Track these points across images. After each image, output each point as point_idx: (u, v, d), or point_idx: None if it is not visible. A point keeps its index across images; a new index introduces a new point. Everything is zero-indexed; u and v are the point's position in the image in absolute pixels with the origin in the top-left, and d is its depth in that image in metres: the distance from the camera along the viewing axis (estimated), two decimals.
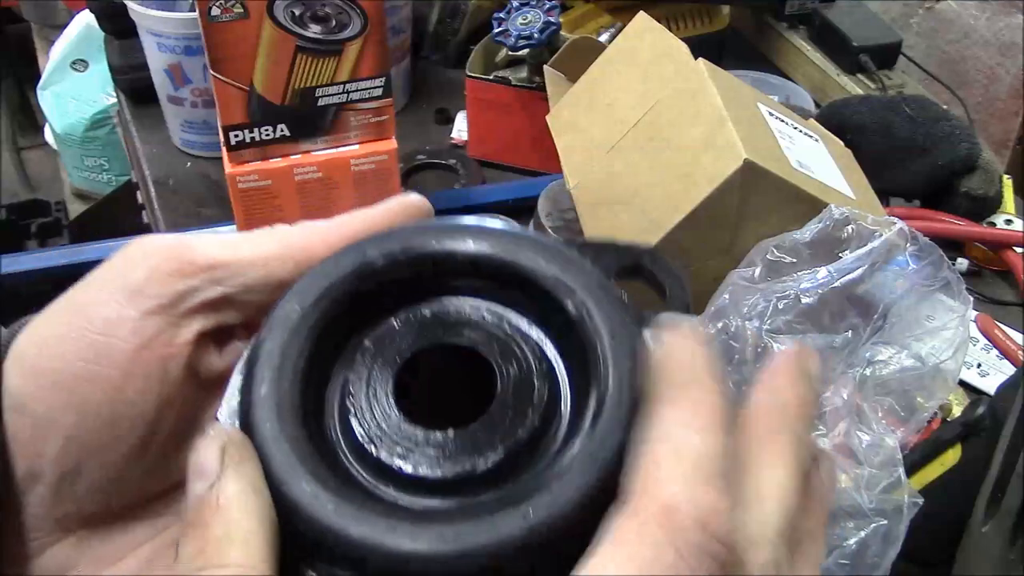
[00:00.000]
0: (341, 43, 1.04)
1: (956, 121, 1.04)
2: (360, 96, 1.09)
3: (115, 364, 0.29)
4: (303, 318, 0.28)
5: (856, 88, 1.21)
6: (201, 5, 0.98)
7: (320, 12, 1.02)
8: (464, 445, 0.26)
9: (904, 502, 0.60)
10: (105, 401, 0.29)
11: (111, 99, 1.90)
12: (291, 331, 0.27)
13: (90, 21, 1.72)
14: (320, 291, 0.28)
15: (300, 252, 0.31)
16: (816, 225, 0.71)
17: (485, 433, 0.26)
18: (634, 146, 0.83)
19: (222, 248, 0.31)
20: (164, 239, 0.31)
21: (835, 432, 0.63)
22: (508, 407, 0.27)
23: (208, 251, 0.30)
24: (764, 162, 0.73)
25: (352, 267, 0.28)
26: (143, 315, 0.30)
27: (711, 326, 0.68)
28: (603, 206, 0.83)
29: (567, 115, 0.94)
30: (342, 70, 1.06)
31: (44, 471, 0.30)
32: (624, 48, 0.92)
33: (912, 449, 0.67)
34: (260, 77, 1.01)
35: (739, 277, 0.70)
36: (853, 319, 0.67)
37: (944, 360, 0.66)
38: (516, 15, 1.03)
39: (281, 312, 0.28)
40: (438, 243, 0.29)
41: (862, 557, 0.60)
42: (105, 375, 0.29)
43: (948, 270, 0.69)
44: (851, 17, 1.28)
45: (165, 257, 0.30)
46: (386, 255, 0.29)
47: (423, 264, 0.29)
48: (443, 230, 0.29)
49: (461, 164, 1.14)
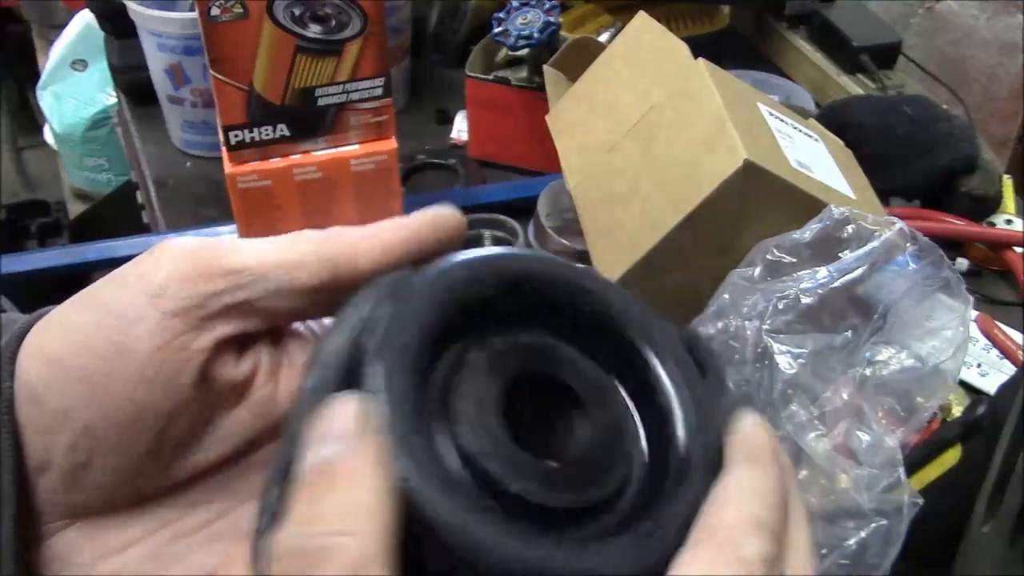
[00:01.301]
0: (341, 43, 1.04)
1: (956, 121, 1.04)
2: (360, 96, 1.09)
3: (133, 363, 0.29)
4: (416, 316, 0.27)
5: (856, 88, 1.21)
6: (201, 5, 0.98)
7: (320, 12, 1.02)
8: (566, 480, 0.27)
9: (904, 502, 0.60)
10: (121, 398, 0.29)
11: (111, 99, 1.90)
12: (406, 328, 0.27)
13: (90, 21, 1.72)
14: (436, 298, 0.28)
15: (336, 258, 0.31)
16: (816, 225, 0.71)
17: (586, 472, 0.27)
18: (634, 146, 0.83)
19: (248, 253, 0.30)
20: (191, 241, 0.31)
21: (835, 432, 0.63)
22: (601, 450, 0.28)
23: (234, 255, 0.30)
24: (764, 162, 0.73)
25: (464, 283, 0.28)
26: (164, 316, 0.30)
27: (711, 326, 0.68)
28: (603, 206, 0.83)
29: (567, 115, 0.94)
30: (342, 70, 1.06)
31: (55, 462, 0.30)
32: (624, 48, 0.92)
33: (912, 449, 0.67)
34: (260, 77, 1.01)
35: (739, 277, 0.70)
36: (853, 319, 0.67)
37: (944, 360, 0.66)
38: (516, 15, 1.03)
39: (391, 310, 0.27)
40: (561, 277, 0.29)
41: (862, 557, 0.60)
42: (123, 373, 0.29)
43: (948, 270, 0.69)
44: (851, 17, 1.28)
45: (190, 260, 0.30)
46: (502, 278, 0.29)
47: (529, 294, 0.29)
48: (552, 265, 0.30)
49: (461, 164, 1.14)
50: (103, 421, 0.29)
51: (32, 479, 0.30)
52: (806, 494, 0.62)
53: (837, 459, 0.62)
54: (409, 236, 0.31)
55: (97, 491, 0.31)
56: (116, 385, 0.29)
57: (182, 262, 0.30)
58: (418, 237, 0.31)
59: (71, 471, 0.30)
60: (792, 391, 0.64)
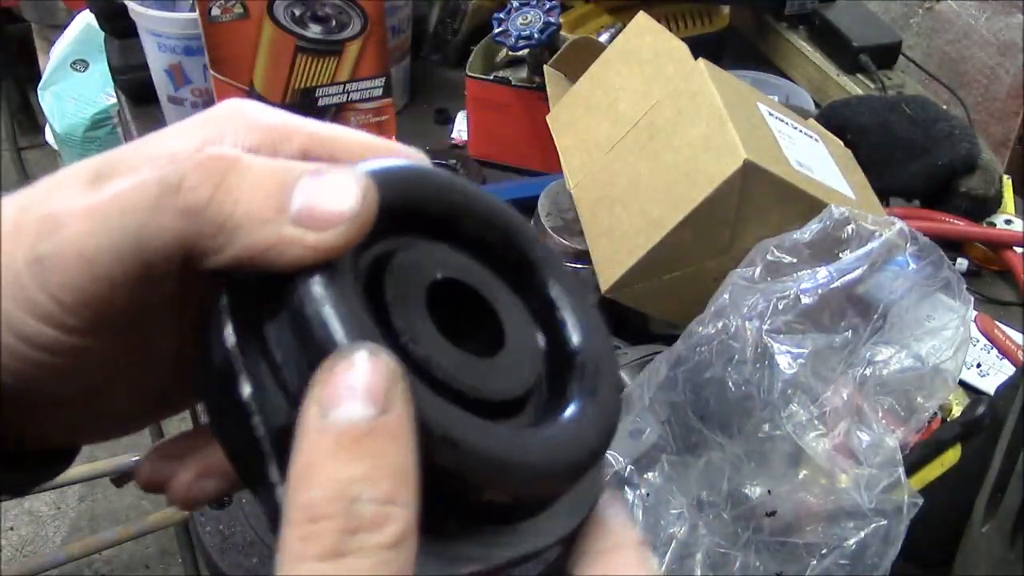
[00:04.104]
0: (341, 43, 1.04)
1: (956, 121, 1.04)
2: (360, 96, 1.09)
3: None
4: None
5: (856, 88, 1.21)
6: (201, 5, 0.98)
7: (320, 12, 1.02)
8: (501, 373, 0.29)
9: (904, 502, 0.60)
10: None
11: (111, 99, 1.90)
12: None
13: (90, 21, 1.73)
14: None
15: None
16: (816, 225, 0.71)
17: (511, 368, 0.30)
18: (634, 146, 0.83)
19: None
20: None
21: (835, 432, 0.63)
22: (517, 350, 0.30)
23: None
24: (764, 162, 0.73)
25: (401, 186, 0.29)
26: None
27: (711, 326, 0.68)
28: (603, 206, 0.83)
29: (567, 115, 0.94)
30: (342, 70, 1.06)
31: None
32: (624, 48, 0.92)
33: (912, 449, 0.67)
34: (260, 77, 1.01)
35: (739, 277, 0.70)
36: (853, 319, 0.67)
37: (944, 360, 0.66)
38: (516, 15, 1.03)
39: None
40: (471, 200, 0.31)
41: (862, 557, 0.60)
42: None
43: (948, 270, 0.69)
44: (851, 17, 1.28)
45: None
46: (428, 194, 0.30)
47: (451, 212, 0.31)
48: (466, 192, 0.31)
49: (461, 164, 1.14)
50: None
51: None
52: (806, 494, 0.63)
53: (837, 459, 0.62)
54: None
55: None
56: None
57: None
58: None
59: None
60: (792, 391, 0.64)
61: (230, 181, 0.25)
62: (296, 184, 0.25)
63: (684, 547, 0.65)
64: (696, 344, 0.68)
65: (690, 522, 0.66)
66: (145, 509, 2.03)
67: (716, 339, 0.67)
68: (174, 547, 1.94)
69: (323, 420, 0.23)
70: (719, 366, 0.66)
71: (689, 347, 0.68)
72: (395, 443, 0.23)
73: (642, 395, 0.69)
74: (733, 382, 0.65)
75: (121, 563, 1.96)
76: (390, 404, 0.23)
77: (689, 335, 0.69)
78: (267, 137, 0.30)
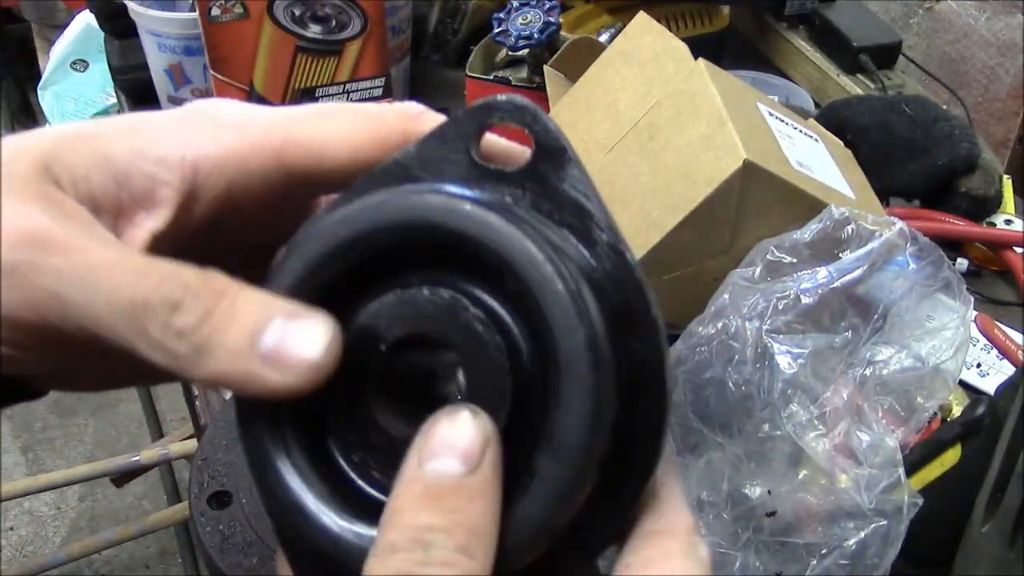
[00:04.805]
0: (341, 43, 1.04)
1: (956, 121, 1.04)
2: (360, 96, 1.09)
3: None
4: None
5: (856, 88, 1.21)
6: (201, 5, 0.99)
7: (320, 12, 1.02)
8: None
9: (904, 502, 0.60)
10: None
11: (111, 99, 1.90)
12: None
13: (90, 21, 1.72)
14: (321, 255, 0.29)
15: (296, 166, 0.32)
16: (816, 225, 0.71)
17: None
18: (634, 146, 0.83)
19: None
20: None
21: (835, 432, 0.63)
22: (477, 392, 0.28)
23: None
24: (764, 162, 0.73)
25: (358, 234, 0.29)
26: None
27: (711, 326, 0.68)
28: None
29: (567, 115, 0.94)
30: (342, 70, 1.06)
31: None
32: (624, 48, 0.92)
33: (912, 449, 0.67)
34: (260, 77, 1.01)
35: (739, 277, 0.70)
36: (853, 319, 0.67)
37: (944, 360, 0.66)
38: (516, 15, 1.04)
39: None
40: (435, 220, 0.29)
41: (862, 557, 0.60)
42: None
43: (948, 270, 0.69)
44: (851, 17, 1.28)
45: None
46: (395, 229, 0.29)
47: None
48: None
49: None
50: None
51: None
52: (806, 494, 0.63)
53: (837, 459, 0.62)
54: (376, 133, 0.32)
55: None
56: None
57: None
58: (386, 136, 0.32)
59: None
60: (792, 391, 0.64)
61: (217, 311, 0.27)
62: (269, 325, 0.27)
63: None
64: (696, 344, 0.68)
65: None
66: (145, 509, 2.03)
67: (716, 339, 0.67)
68: (174, 547, 1.94)
69: (418, 470, 0.26)
70: (719, 366, 0.66)
71: (689, 347, 0.68)
72: (477, 501, 0.25)
73: None
74: (733, 382, 0.65)
75: (121, 563, 1.96)
76: (479, 465, 0.26)
77: (689, 335, 0.69)
78: (239, 144, 0.31)
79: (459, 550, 0.25)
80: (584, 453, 0.26)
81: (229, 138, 0.31)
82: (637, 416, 0.29)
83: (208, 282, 0.27)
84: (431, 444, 0.26)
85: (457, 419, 0.26)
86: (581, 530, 0.29)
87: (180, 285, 0.27)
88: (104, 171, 0.30)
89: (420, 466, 0.26)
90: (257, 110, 0.33)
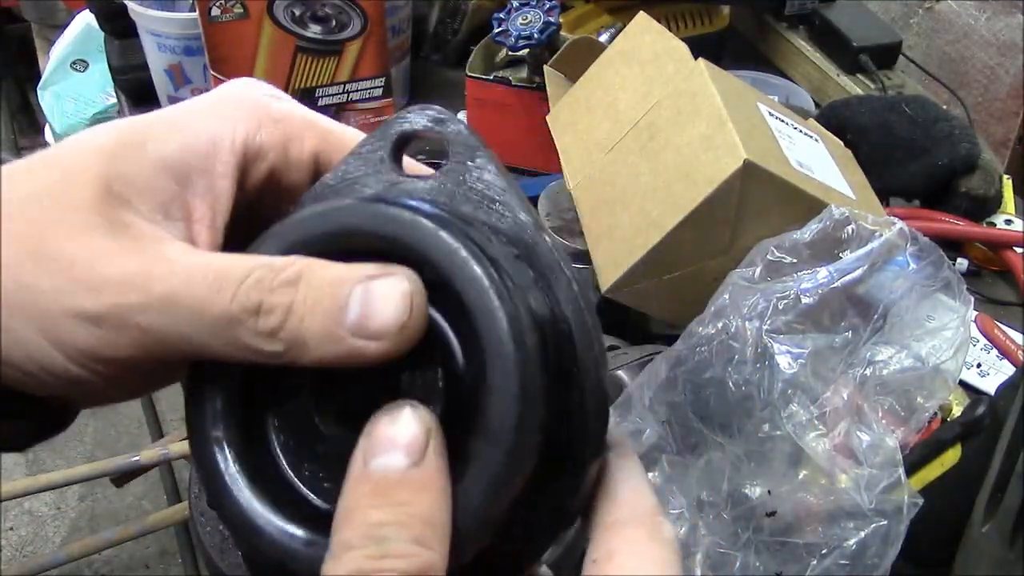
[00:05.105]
0: (341, 43, 1.04)
1: (956, 121, 1.04)
2: (360, 96, 1.09)
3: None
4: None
5: (856, 88, 1.21)
6: (201, 5, 0.99)
7: (320, 12, 1.02)
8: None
9: (904, 502, 0.60)
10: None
11: (111, 99, 1.90)
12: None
13: (90, 21, 1.72)
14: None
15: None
16: (816, 225, 0.71)
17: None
18: (634, 146, 0.83)
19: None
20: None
21: (835, 432, 0.63)
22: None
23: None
24: (764, 162, 0.73)
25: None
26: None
27: (711, 326, 0.68)
28: (603, 206, 0.83)
29: (567, 115, 0.94)
30: (342, 70, 1.06)
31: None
32: (624, 48, 0.92)
33: (912, 449, 0.67)
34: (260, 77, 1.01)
35: (739, 277, 0.70)
36: (853, 319, 0.67)
37: (944, 360, 0.66)
38: (516, 15, 1.04)
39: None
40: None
41: (862, 557, 0.60)
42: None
43: (948, 270, 0.69)
44: (851, 17, 1.28)
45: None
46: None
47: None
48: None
49: None
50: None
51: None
52: (806, 494, 0.63)
53: (837, 459, 0.62)
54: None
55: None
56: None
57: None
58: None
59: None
60: (792, 391, 0.64)
61: (296, 301, 0.27)
62: (349, 299, 0.27)
63: (684, 547, 0.65)
64: (696, 344, 0.68)
65: (690, 522, 0.66)
66: (145, 509, 2.03)
67: (716, 339, 0.67)
68: (174, 547, 1.94)
69: (365, 469, 0.26)
70: (719, 366, 0.66)
71: (689, 347, 0.68)
72: (426, 492, 0.25)
73: (642, 395, 0.69)
74: (733, 382, 0.65)
75: (121, 563, 1.96)
76: (424, 456, 0.26)
77: (689, 335, 0.69)
78: (280, 133, 0.33)
79: (414, 541, 0.25)
80: (515, 431, 0.26)
81: (273, 124, 0.33)
82: (572, 395, 0.29)
83: (278, 274, 0.27)
84: (374, 442, 0.26)
85: (397, 415, 0.26)
86: (524, 523, 0.29)
87: (253, 287, 0.27)
88: (165, 175, 0.30)
89: (366, 465, 0.26)
90: (295, 105, 0.34)
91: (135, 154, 0.30)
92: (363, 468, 0.26)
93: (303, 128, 0.34)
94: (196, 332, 0.27)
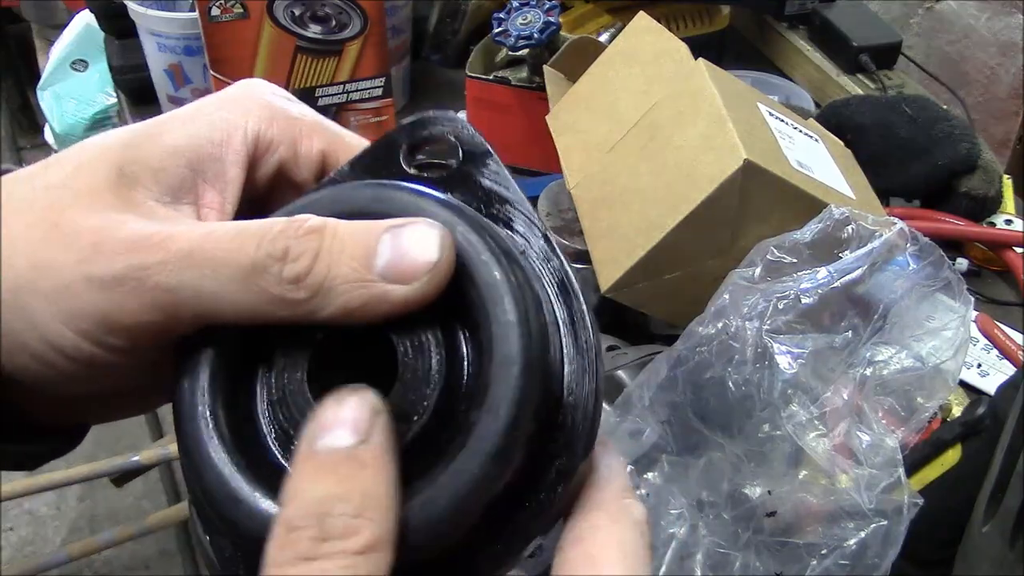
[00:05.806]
0: (341, 43, 1.04)
1: (956, 121, 1.04)
2: (360, 96, 1.09)
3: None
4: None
5: (856, 88, 1.21)
6: (201, 5, 0.99)
7: (320, 12, 1.02)
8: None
9: (904, 502, 0.60)
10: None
11: (111, 99, 1.91)
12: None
13: (90, 21, 1.73)
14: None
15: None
16: (816, 225, 0.71)
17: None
18: (634, 146, 0.83)
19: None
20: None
21: (835, 432, 0.63)
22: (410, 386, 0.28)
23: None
24: (764, 162, 0.73)
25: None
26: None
27: (711, 326, 0.68)
28: (603, 206, 0.83)
29: (567, 115, 0.94)
30: (342, 70, 1.06)
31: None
32: (624, 48, 0.92)
33: (912, 449, 0.67)
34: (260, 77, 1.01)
35: (739, 277, 0.70)
36: (853, 319, 0.67)
37: (944, 360, 0.66)
38: (516, 15, 1.03)
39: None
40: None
41: (862, 557, 0.60)
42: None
43: (948, 270, 0.69)
44: (851, 17, 1.28)
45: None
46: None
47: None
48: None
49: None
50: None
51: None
52: (806, 494, 0.63)
53: (837, 459, 0.62)
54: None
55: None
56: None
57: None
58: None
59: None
60: (792, 391, 0.64)
61: (323, 246, 0.27)
62: (379, 242, 0.27)
63: (684, 547, 0.65)
64: (696, 344, 0.68)
65: (690, 522, 0.66)
66: (145, 509, 2.03)
67: (716, 339, 0.67)
68: (174, 547, 1.94)
69: (310, 448, 0.26)
70: (719, 366, 0.66)
71: (689, 347, 0.68)
72: (369, 468, 0.25)
73: (642, 395, 0.69)
74: (733, 382, 0.65)
75: (121, 563, 1.96)
76: (369, 435, 0.26)
77: (689, 335, 0.69)
78: (290, 129, 0.34)
79: (356, 515, 0.25)
80: (517, 404, 0.27)
81: (283, 121, 0.33)
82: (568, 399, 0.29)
83: (301, 224, 0.28)
84: (321, 422, 0.26)
85: (344, 398, 0.26)
86: (500, 523, 0.29)
87: (278, 235, 0.27)
88: (177, 159, 0.31)
89: (311, 445, 0.26)
90: (305, 107, 0.35)
91: (148, 142, 0.31)
92: (308, 448, 0.26)
93: (313, 128, 0.34)
94: (218, 285, 0.27)
